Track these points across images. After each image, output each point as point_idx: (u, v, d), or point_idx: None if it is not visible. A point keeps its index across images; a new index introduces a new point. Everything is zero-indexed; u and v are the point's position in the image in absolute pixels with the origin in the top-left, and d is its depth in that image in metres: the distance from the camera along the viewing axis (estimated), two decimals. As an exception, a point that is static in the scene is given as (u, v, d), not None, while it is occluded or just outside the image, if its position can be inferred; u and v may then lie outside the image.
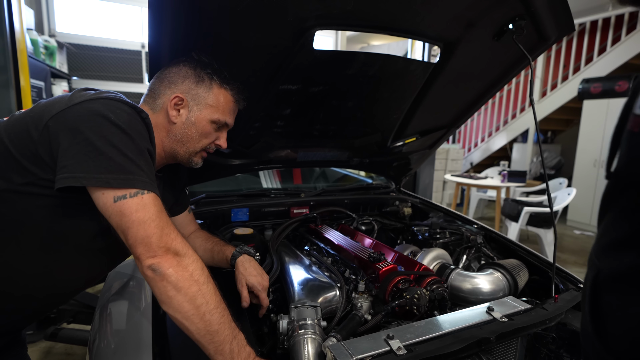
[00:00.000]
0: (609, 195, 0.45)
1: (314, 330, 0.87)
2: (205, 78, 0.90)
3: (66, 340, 1.74)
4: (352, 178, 2.51)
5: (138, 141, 0.71)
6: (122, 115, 0.70)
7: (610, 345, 0.42)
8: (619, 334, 0.41)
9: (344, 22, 1.06)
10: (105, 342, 0.88)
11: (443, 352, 0.77)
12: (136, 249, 0.67)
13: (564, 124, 6.67)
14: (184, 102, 0.88)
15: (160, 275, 0.66)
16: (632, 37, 4.74)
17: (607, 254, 0.43)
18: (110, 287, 1.12)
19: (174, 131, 0.89)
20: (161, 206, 0.71)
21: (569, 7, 1.11)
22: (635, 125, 0.37)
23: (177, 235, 0.70)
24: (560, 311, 0.96)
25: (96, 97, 0.72)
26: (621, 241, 0.41)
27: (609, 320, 0.42)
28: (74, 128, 0.67)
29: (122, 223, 0.67)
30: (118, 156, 0.67)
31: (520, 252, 1.39)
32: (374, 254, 1.14)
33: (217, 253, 1.10)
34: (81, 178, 0.65)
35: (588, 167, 4.97)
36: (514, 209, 3.74)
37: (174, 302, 0.66)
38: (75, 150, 0.66)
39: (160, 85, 0.89)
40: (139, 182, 0.68)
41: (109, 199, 0.67)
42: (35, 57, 2.80)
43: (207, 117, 0.91)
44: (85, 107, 0.69)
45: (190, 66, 0.89)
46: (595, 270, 0.44)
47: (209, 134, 0.94)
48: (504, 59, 1.34)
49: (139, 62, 4.23)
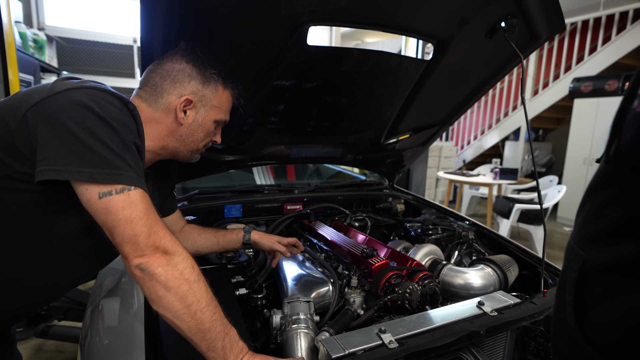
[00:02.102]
0: (598, 182, 0.44)
1: (307, 325, 0.88)
2: (211, 80, 0.88)
3: (57, 338, 1.72)
4: (345, 175, 2.51)
5: (124, 135, 0.67)
6: (107, 106, 0.67)
7: (592, 336, 0.42)
8: (604, 323, 0.41)
9: (338, 18, 1.06)
10: (97, 339, 0.88)
11: (434, 345, 0.78)
12: (123, 248, 0.64)
13: (555, 123, 6.76)
14: (193, 103, 0.87)
15: (149, 274, 0.64)
16: (622, 37, 4.80)
17: (593, 244, 0.43)
18: (102, 284, 1.11)
19: (179, 131, 0.87)
20: (149, 203, 0.68)
21: (559, 6, 1.12)
22: None
23: (166, 233, 0.67)
24: (548, 305, 0.98)
25: (79, 86, 0.68)
26: (612, 230, 0.40)
27: (595, 310, 0.42)
28: (55, 118, 0.63)
29: (107, 221, 0.64)
30: (103, 150, 0.63)
31: (510, 248, 1.41)
32: (366, 250, 1.15)
33: (222, 236, 1.15)
34: (62, 171, 0.61)
35: (578, 165, 5.05)
36: (505, 206, 3.79)
37: (164, 302, 0.64)
38: (56, 141, 0.62)
39: (162, 82, 0.84)
40: (125, 178, 0.65)
41: (94, 195, 0.63)
42: (23, 50, 2.75)
43: (212, 118, 0.91)
44: (67, 97, 0.65)
45: (195, 64, 0.86)
46: (580, 261, 0.43)
47: (211, 133, 0.94)
48: (496, 56, 1.35)
49: (130, 57, 4.18)
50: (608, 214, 0.41)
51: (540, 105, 5.75)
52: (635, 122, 0.39)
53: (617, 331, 0.40)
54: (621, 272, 0.39)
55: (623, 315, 0.39)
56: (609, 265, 0.41)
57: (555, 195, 3.70)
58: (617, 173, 0.41)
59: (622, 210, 0.39)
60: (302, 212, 1.60)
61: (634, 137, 0.39)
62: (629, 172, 0.39)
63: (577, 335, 0.43)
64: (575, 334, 0.43)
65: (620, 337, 0.39)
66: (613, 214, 0.40)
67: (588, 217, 0.44)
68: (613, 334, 0.40)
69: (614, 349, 0.40)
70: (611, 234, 0.41)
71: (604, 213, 0.42)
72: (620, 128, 0.41)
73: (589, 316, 0.42)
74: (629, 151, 0.39)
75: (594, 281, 0.42)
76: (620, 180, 0.40)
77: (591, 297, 0.43)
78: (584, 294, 0.43)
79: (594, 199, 0.44)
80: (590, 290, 0.43)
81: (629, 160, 0.39)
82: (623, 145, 0.40)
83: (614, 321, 0.40)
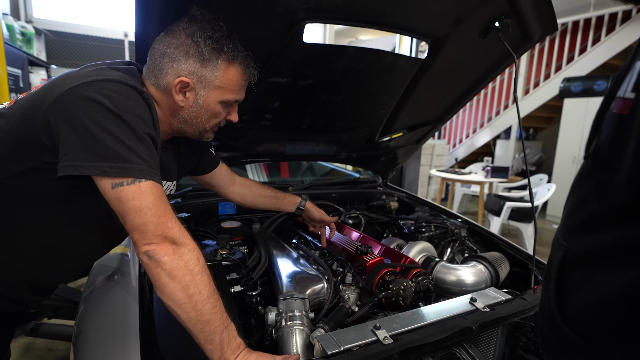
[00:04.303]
0: (579, 177, 0.47)
1: (302, 321, 0.88)
2: (211, 57, 0.79)
3: (47, 336, 1.70)
4: (339, 172, 2.52)
5: (136, 127, 0.69)
6: (119, 99, 0.69)
7: (570, 318, 0.45)
8: (580, 306, 0.44)
9: (334, 15, 1.06)
10: (91, 336, 0.87)
11: (428, 341, 0.79)
12: (133, 235, 0.68)
13: (545, 122, 6.85)
14: (190, 85, 0.81)
15: (156, 262, 0.67)
16: (611, 38, 4.89)
17: (574, 235, 0.46)
18: (95, 281, 1.10)
19: (181, 113, 0.85)
20: (160, 193, 0.70)
21: (552, 7, 1.14)
22: (625, 108, 0.39)
23: (175, 224, 0.70)
24: (538, 301, 0.99)
25: (95, 80, 0.70)
26: (590, 221, 0.43)
27: (573, 296, 0.45)
28: (72, 115, 0.67)
29: (119, 209, 0.68)
30: (115, 143, 0.67)
31: (502, 245, 1.43)
32: (361, 247, 1.16)
33: (282, 198, 1.32)
34: (80, 167, 0.66)
35: (567, 163, 5.13)
36: (496, 204, 3.84)
37: (167, 290, 0.67)
38: (75, 137, 0.67)
39: (161, 60, 0.80)
40: (136, 171, 0.68)
41: (107, 185, 0.68)
42: (11, 43, 2.69)
43: (216, 99, 0.85)
44: (81, 92, 0.68)
45: (194, 39, 0.78)
46: (562, 250, 0.46)
47: (218, 114, 0.88)
48: (489, 56, 1.37)
49: (121, 51, 4.11)
50: (587, 206, 0.44)
51: (531, 105, 5.82)
52: (611, 122, 0.42)
53: (590, 314, 0.43)
54: (596, 260, 0.42)
55: (597, 300, 0.42)
56: (586, 253, 0.44)
57: (544, 194, 3.76)
58: (595, 169, 0.44)
59: (599, 203, 0.42)
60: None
61: (609, 136, 0.42)
62: (604, 167, 0.42)
63: (558, 319, 0.46)
64: (556, 318, 0.46)
65: (593, 319, 0.42)
66: (591, 207, 0.43)
67: (571, 210, 0.47)
68: (587, 317, 0.43)
69: (588, 331, 0.43)
70: (589, 225, 0.44)
71: (584, 206, 0.45)
72: (599, 127, 0.44)
73: (568, 301, 0.45)
74: (605, 148, 0.42)
75: (573, 269, 0.45)
76: (596, 175, 0.44)
77: (570, 284, 0.46)
78: (564, 281, 0.46)
79: (576, 193, 0.47)
80: (569, 277, 0.46)
81: (605, 156, 0.42)
82: (600, 143, 0.43)
83: (589, 305, 0.43)
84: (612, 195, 0.39)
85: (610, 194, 0.40)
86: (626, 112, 0.38)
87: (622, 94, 0.40)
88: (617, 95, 0.41)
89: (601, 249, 0.41)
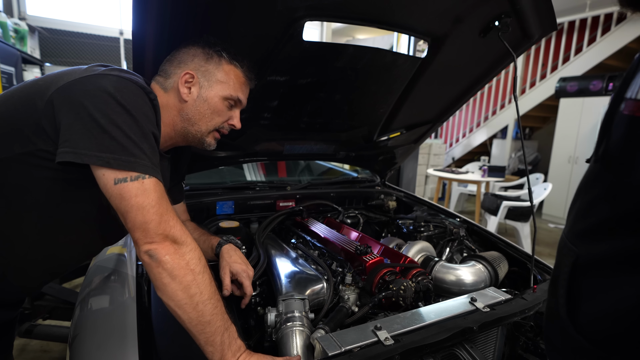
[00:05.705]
0: (588, 181, 0.46)
1: (302, 322, 0.87)
2: (214, 55, 0.88)
3: (42, 337, 1.68)
4: (336, 171, 2.51)
5: (143, 124, 0.69)
6: (129, 95, 0.69)
7: (583, 327, 0.43)
8: (596, 315, 0.43)
9: (334, 13, 1.05)
10: (87, 338, 0.86)
11: (429, 341, 0.79)
12: (134, 233, 0.67)
13: (541, 121, 6.89)
14: (195, 79, 0.86)
15: (157, 261, 0.66)
16: (606, 38, 4.92)
17: (584, 240, 0.44)
18: (91, 282, 1.08)
19: (185, 109, 0.88)
20: (162, 192, 0.70)
21: (552, 6, 1.14)
22: (637, 110, 0.38)
23: (176, 223, 0.69)
24: (538, 301, 1.00)
25: (106, 72, 0.70)
26: (601, 225, 0.42)
27: (587, 303, 0.44)
28: (79, 102, 0.66)
29: (121, 206, 0.66)
30: (121, 137, 0.66)
31: (500, 244, 1.43)
32: (360, 247, 1.15)
33: (203, 242, 1.09)
34: (82, 155, 0.64)
35: (563, 163, 5.17)
36: (493, 203, 3.85)
37: (168, 290, 0.66)
38: (79, 125, 0.65)
39: (170, 66, 0.88)
40: (140, 166, 0.67)
41: (110, 180, 0.66)
42: (4, 41, 2.65)
43: (218, 94, 0.89)
44: (92, 82, 0.68)
45: (199, 45, 0.88)
46: (573, 256, 0.45)
47: (221, 112, 0.91)
48: (489, 55, 1.36)
49: (117, 49, 4.07)
50: (597, 210, 0.43)
51: (527, 104, 5.86)
52: (622, 124, 0.41)
53: (607, 322, 0.42)
54: (612, 266, 0.41)
55: (613, 307, 0.40)
56: (600, 259, 0.42)
57: (541, 193, 3.78)
58: (605, 172, 0.43)
59: (609, 207, 0.41)
60: (295, 209, 1.59)
61: (620, 138, 0.41)
62: (616, 170, 0.41)
63: (568, 326, 0.45)
64: (566, 326, 0.45)
65: (611, 327, 0.41)
66: (601, 211, 0.42)
67: (579, 214, 0.46)
68: (604, 325, 0.42)
69: (605, 339, 0.42)
70: (600, 229, 0.43)
71: (593, 210, 0.44)
72: (608, 130, 0.43)
73: (581, 308, 0.44)
74: (616, 152, 0.41)
75: (586, 275, 0.44)
76: (607, 178, 0.42)
77: (583, 291, 0.44)
78: (577, 288, 0.45)
79: (583, 196, 0.46)
80: (582, 283, 0.45)
81: (616, 160, 0.41)
82: (611, 146, 0.42)
83: (604, 312, 0.42)
84: (625, 198, 0.39)
85: (623, 197, 0.39)
86: (639, 114, 0.38)
87: (633, 95, 0.39)
88: (625, 96, 0.40)
89: (617, 255, 0.40)
